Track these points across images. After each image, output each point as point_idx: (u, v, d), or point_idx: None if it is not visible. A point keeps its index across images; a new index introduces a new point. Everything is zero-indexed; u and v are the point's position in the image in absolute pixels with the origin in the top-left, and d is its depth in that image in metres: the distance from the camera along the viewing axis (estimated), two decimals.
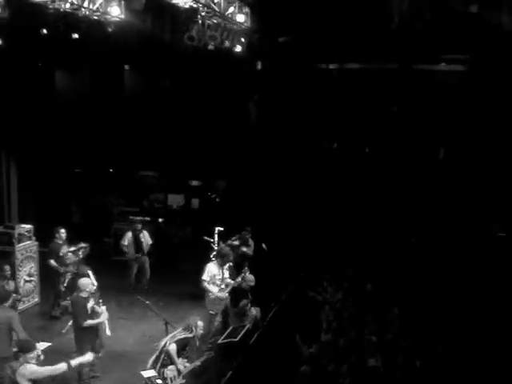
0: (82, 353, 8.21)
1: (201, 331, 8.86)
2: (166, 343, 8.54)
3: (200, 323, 8.84)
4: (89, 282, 9.31)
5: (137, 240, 13.45)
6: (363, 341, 9.28)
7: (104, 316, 9.33)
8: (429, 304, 10.87)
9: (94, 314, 9.23)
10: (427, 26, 10.88)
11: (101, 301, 9.56)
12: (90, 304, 9.16)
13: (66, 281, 11.44)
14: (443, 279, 11.94)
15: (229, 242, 12.80)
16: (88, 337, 9.11)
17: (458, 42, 12.40)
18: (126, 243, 13.45)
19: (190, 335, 8.69)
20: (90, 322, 9.04)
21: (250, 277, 11.22)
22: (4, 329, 8.38)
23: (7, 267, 10.81)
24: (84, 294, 9.10)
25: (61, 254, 11.83)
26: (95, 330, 9.35)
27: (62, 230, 12.06)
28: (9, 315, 8.51)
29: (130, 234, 13.50)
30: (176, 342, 8.50)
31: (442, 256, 12.97)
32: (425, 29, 11.03)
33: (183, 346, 8.60)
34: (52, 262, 11.78)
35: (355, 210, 14.62)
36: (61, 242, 11.98)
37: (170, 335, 8.74)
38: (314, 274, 12.41)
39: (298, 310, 10.75)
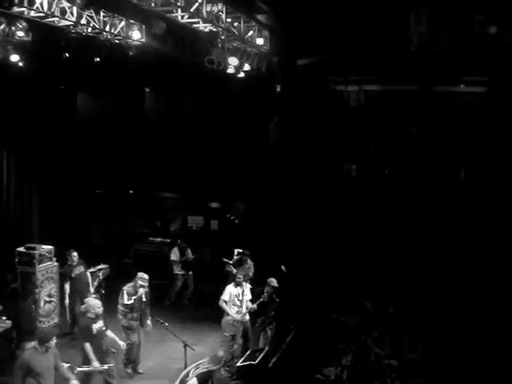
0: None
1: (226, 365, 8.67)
2: (188, 373, 8.42)
3: (227, 357, 8.69)
4: (97, 304, 9.27)
5: (182, 258, 14.00)
6: (384, 365, 9.19)
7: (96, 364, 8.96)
8: (452, 329, 10.77)
9: (100, 336, 9.19)
10: (446, 47, 10.88)
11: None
12: (97, 325, 9.13)
13: None
14: (466, 303, 11.82)
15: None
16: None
17: (477, 64, 12.36)
18: (175, 258, 13.97)
19: (215, 367, 8.48)
20: (87, 346, 8.91)
21: (273, 280, 11.19)
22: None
23: (37, 290, 10.91)
24: (91, 315, 9.12)
25: (73, 276, 11.89)
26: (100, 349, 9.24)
27: (74, 254, 12.08)
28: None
29: (176, 250, 13.98)
30: (198, 375, 8.29)
31: (465, 279, 12.85)
32: (444, 50, 11.02)
33: (206, 379, 8.39)
34: (66, 285, 11.86)
35: (375, 231, 14.53)
36: (74, 265, 12.02)
37: (194, 364, 8.62)
38: (335, 297, 12.36)
39: (317, 332, 10.69)
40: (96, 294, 12.01)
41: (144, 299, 10.38)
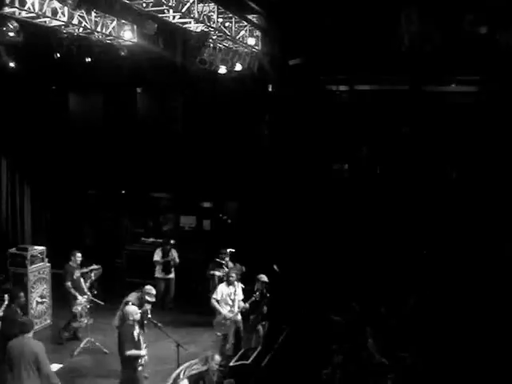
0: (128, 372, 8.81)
1: (216, 366, 8.48)
2: (179, 375, 8.41)
3: (217, 358, 8.59)
4: (135, 310, 9.26)
5: (165, 258, 13.85)
6: (376, 363, 9.21)
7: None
8: (443, 322, 10.80)
9: (139, 341, 9.17)
10: (437, 47, 10.93)
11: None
12: (136, 331, 9.12)
13: None
14: (458, 301, 11.86)
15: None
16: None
17: (468, 63, 12.42)
18: (158, 259, 13.83)
19: (204, 368, 8.45)
20: (133, 352, 8.91)
21: (262, 276, 11.20)
22: (31, 363, 7.80)
23: (22, 294, 10.81)
24: (130, 322, 9.08)
25: (74, 278, 11.83)
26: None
27: (79, 254, 12.04)
28: (36, 348, 7.93)
29: (160, 251, 13.86)
30: (189, 377, 8.26)
31: (456, 280, 12.89)
32: (435, 50, 11.07)
33: (197, 381, 8.37)
34: (69, 284, 11.77)
35: (367, 231, 14.57)
36: (75, 266, 11.99)
37: (187, 364, 8.61)
38: (327, 296, 12.39)
39: (309, 331, 10.71)
40: (88, 294, 11.98)
41: (149, 315, 10.22)
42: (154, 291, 10.46)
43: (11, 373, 7.81)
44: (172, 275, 13.98)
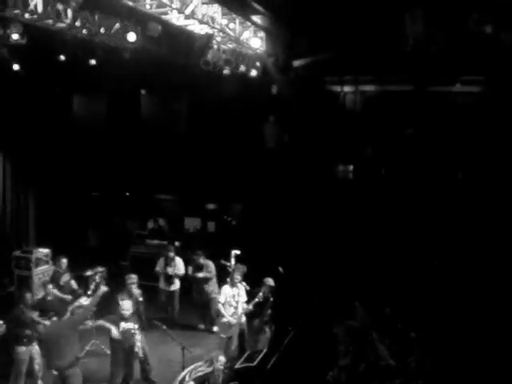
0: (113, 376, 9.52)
1: (221, 367, 8.42)
2: (185, 377, 8.39)
3: (222, 358, 8.50)
4: (125, 306, 9.71)
5: (166, 270, 12.82)
6: (382, 365, 9.16)
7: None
8: (450, 328, 10.75)
9: (128, 335, 9.59)
10: (442, 47, 10.89)
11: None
12: (126, 325, 9.59)
13: None
14: (466, 302, 11.80)
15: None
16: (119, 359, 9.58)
17: (473, 63, 12.37)
18: (158, 269, 12.93)
19: (209, 369, 8.41)
20: (106, 324, 9.69)
21: (269, 279, 11.14)
22: (74, 335, 8.79)
23: (28, 295, 10.73)
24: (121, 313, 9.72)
25: (61, 284, 11.71)
26: (127, 354, 9.63)
27: (64, 260, 11.86)
28: (71, 321, 9.10)
29: (162, 262, 12.91)
30: (194, 379, 8.24)
31: (465, 278, 12.83)
32: (440, 50, 11.03)
33: (202, 382, 8.32)
34: (55, 292, 11.70)
35: (372, 232, 14.52)
36: (61, 271, 11.84)
37: (192, 367, 8.58)
38: (330, 299, 12.34)
39: (315, 333, 10.67)
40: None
41: (140, 299, 10.48)
42: (132, 275, 11.18)
43: (54, 352, 8.65)
44: (174, 287, 12.90)
